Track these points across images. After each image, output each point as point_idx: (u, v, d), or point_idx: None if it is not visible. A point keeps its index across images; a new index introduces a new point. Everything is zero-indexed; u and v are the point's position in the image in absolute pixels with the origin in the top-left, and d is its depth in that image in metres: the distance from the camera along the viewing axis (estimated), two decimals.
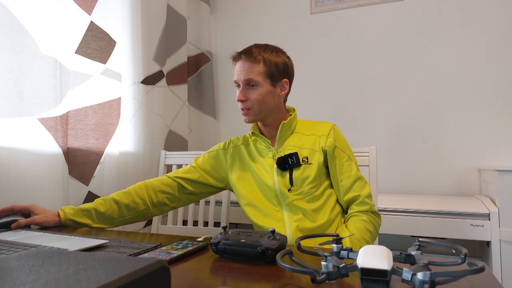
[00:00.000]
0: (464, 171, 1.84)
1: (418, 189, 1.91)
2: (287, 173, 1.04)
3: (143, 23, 1.67)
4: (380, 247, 0.51)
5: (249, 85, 1.05)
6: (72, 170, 1.33)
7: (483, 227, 1.39)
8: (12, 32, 1.12)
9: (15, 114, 1.12)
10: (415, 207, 1.50)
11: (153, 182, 1.11)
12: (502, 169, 1.40)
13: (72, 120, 1.34)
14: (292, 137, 1.10)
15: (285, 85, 1.10)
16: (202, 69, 2.24)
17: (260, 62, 1.04)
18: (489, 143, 1.80)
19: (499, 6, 1.81)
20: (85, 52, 1.40)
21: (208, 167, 1.16)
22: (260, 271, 0.58)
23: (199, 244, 0.73)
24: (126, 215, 1.05)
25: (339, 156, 1.06)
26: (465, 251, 0.53)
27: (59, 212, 0.97)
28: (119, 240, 0.78)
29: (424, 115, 1.92)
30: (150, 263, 0.40)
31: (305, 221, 1.00)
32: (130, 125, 1.61)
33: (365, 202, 1.02)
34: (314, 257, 0.66)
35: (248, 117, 1.08)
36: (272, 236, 0.65)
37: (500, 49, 1.80)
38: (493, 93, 1.81)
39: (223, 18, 2.38)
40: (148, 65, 1.72)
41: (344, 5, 2.08)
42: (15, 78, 1.12)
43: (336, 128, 1.10)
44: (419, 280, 0.44)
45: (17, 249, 0.68)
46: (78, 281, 0.35)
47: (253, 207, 1.07)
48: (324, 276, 0.47)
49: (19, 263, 0.42)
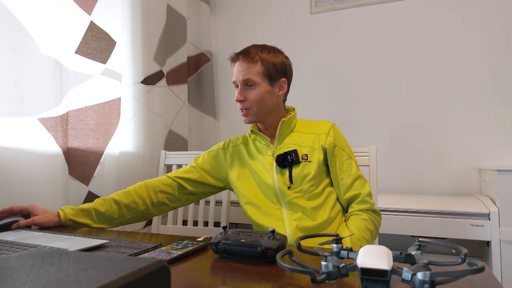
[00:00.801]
0: (464, 171, 1.84)
1: (418, 189, 1.91)
2: (287, 171, 1.05)
3: (143, 23, 1.67)
4: (380, 247, 0.51)
5: (247, 85, 1.05)
6: (72, 170, 1.33)
7: (483, 227, 1.39)
8: (12, 32, 1.12)
9: (15, 114, 1.12)
10: (415, 207, 1.50)
11: (153, 182, 1.11)
12: (502, 169, 1.40)
13: (72, 120, 1.34)
14: (292, 135, 1.10)
15: (284, 85, 1.10)
16: (202, 69, 2.24)
17: (258, 62, 1.05)
18: (489, 143, 1.80)
19: (499, 6, 1.81)
20: (85, 52, 1.40)
21: (208, 167, 1.16)
22: (260, 271, 0.58)
23: (199, 244, 0.73)
24: (126, 215, 1.05)
25: (339, 154, 1.06)
26: (465, 251, 0.53)
27: (59, 212, 0.97)
28: (119, 240, 0.78)
29: (424, 115, 1.92)
30: (150, 263, 0.40)
31: (305, 219, 1.00)
32: (130, 125, 1.61)
33: (365, 200, 1.02)
34: (314, 257, 0.66)
35: (247, 117, 1.08)
36: (272, 236, 0.65)
37: (500, 49, 1.80)
38: (493, 93, 1.81)
39: (223, 18, 2.38)
40: (148, 65, 1.72)
41: (344, 5, 2.08)
42: (15, 78, 1.12)
43: (335, 127, 1.11)
44: (419, 280, 0.44)
45: (17, 249, 0.68)
46: (78, 281, 0.35)
47: (252, 206, 1.07)
48: (324, 276, 0.47)
49: (19, 263, 0.42)
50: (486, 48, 1.82)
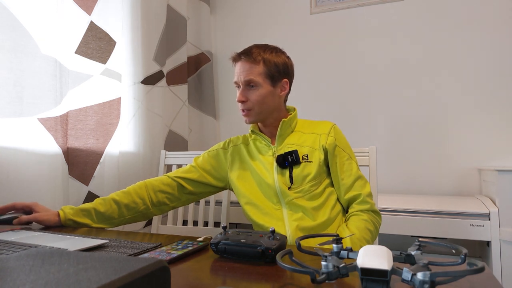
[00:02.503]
0: (464, 171, 1.84)
1: (418, 189, 1.91)
2: (287, 171, 1.04)
3: (143, 23, 1.67)
4: (380, 247, 0.51)
5: (249, 85, 1.05)
6: (72, 170, 1.33)
7: (483, 227, 1.39)
8: (12, 32, 1.12)
9: (15, 114, 1.12)
10: (415, 207, 1.50)
11: (153, 182, 1.11)
12: (502, 169, 1.40)
13: (72, 120, 1.34)
14: (292, 135, 1.10)
15: (285, 85, 1.10)
16: (202, 69, 2.24)
17: (260, 63, 1.04)
18: (489, 143, 1.80)
19: (500, 6, 1.81)
20: (85, 52, 1.40)
21: (208, 167, 1.16)
22: (260, 271, 0.58)
23: (199, 244, 0.73)
24: (126, 215, 1.05)
25: (340, 155, 1.06)
26: (465, 251, 0.53)
27: (59, 212, 0.97)
28: (119, 240, 0.78)
29: (424, 115, 1.92)
30: (150, 263, 0.40)
31: (305, 219, 1.00)
32: (130, 125, 1.61)
33: (365, 201, 1.02)
34: (314, 257, 0.66)
35: (249, 118, 1.08)
36: (272, 236, 0.65)
37: (500, 49, 1.80)
38: (493, 93, 1.81)
39: (223, 18, 2.38)
40: (148, 65, 1.72)
41: (344, 5, 2.08)
42: (15, 78, 1.12)
43: (336, 127, 1.10)
44: (419, 280, 0.44)
45: (17, 249, 0.68)
46: (78, 281, 0.35)
47: (252, 206, 1.07)
48: (324, 276, 0.47)
49: (19, 263, 0.42)
50: (486, 48, 1.82)
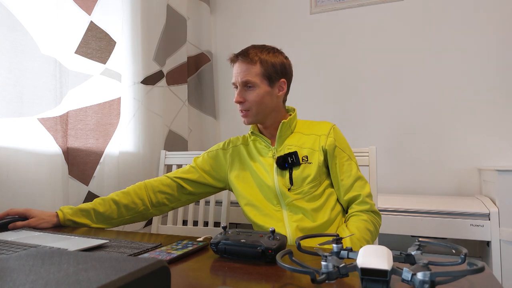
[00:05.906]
0: (464, 171, 1.84)
1: (418, 189, 1.91)
2: (287, 172, 1.04)
3: (143, 23, 1.67)
4: (380, 247, 0.51)
5: (247, 86, 1.05)
6: (72, 170, 1.33)
7: (483, 227, 1.39)
8: (12, 32, 1.12)
9: (15, 114, 1.12)
10: (415, 207, 1.50)
11: (153, 183, 1.11)
12: (502, 169, 1.40)
13: (72, 120, 1.34)
14: (292, 136, 1.10)
15: (283, 86, 1.09)
16: (202, 69, 2.24)
17: (257, 63, 1.04)
18: (489, 143, 1.80)
19: (500, 7, 1.81)
20: (85, 52, 1.40)
21: (207, 167, 1.16)
22: (260, 271, 0.58)
23: (199, 244, 0.73)
24: (125, 215, 1.05)
25: (340, 155, 1.06)
26: (465, 251, 0.53)
27: (57, 212, 0.97)
28: (119, 240, 0.78)
29: (424, 115, 1.92)
30: (150, 263, 0.40)
31: (305, 220, 1.00)
32: (130, 125, 1.61)
33: (365, 201, 1.02)
34: (314, 257, 0.66)
35: (247, 118, 1.08)
36: (272, 236, 0.65)
37: (500, 49, 1.80)
38: (493, 93, 1.81)
39: (223, 18, 2.38)
40: (148, 65, 1.72)
41: (344, 5, 2.08)
42: (15, 78, 1.12)
43: (336, 128, 1.10)
44: (419, 280, 0.44)
45: (17, 249, 0.68)
46: (78, 281, 0.35)
47: (252, 207, 1.07)
48: (324, 276, 0.47)
49: (19, 263, 0.42)
50: (486, 48, 1.82)
